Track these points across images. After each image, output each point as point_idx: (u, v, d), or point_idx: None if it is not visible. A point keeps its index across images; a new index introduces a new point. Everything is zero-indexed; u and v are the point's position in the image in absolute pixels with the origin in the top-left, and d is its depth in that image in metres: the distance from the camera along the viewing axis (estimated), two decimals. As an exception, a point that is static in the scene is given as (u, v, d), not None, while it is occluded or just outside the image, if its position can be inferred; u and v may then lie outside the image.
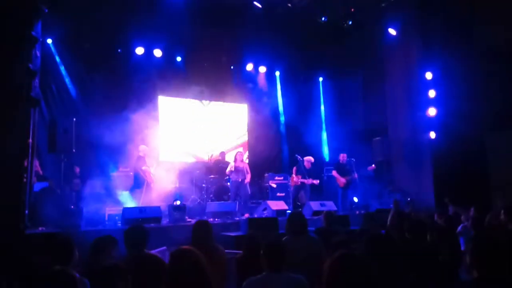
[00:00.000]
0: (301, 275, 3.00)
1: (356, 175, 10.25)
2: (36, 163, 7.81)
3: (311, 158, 10.43)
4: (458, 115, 9.48)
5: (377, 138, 10.98)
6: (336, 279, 2.11)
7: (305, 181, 10.08)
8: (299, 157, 10.37)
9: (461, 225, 5.75)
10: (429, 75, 10.20)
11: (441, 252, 3.76)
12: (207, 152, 11.71)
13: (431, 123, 10.14)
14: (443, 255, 3.74)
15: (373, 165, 10.46)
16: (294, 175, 10.28)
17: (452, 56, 9.61)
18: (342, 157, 10.50)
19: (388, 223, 4.30)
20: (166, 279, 2.47)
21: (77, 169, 9.04)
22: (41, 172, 8.22)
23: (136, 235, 3.57)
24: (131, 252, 3.49)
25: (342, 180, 10.24)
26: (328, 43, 11.46)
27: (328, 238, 4.08)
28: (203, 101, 12.28)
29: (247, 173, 9.62)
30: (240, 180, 9.56)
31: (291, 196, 10.45)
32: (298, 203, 10.22)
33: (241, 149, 11.59)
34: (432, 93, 10.17)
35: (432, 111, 10.13)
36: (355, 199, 10.47)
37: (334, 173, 10.49)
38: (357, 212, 9.59)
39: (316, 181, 10.16)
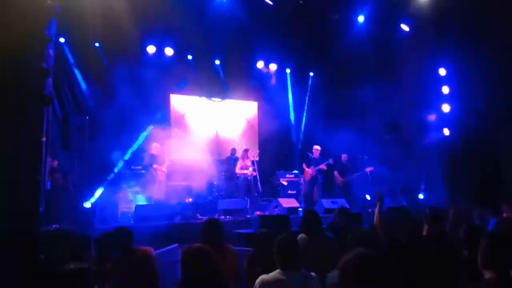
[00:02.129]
0: (314, 273, 2.98)
1: (354, 175, 10.41)
2: (55, 162, 7.88)
3: (317, 147, 10.60)
4: (472, 112, 9.35)
5: (390, 135, 10.90)
6: (350, 278, 2.08)
7: (320, 167, 10.12)
8: (310, 154, 10.47)
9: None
10: (442, 71, 10.07)
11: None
12: (218, 149, 11.73)
13: (444, 120, 10.02)
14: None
15: (371, 167, 10.43)
16: (307, 169, 10.31)
17: (465, 52, 9.47)
18: (344, 157, 10.73)
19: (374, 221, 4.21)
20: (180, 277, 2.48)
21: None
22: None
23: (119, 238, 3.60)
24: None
25: (339, 179, 10.52)
26: (339, 40, 11.35)
27: (344, 235, 4.02)
28: (214, 98, 12.28)
29: (254, 170, 9.79)
30: (249, 177, 9.60)
31: (303, 193, 10.44)
32: (313, 200, 10.21)
33: (250, 147, 11.54)
34: (445, 90, 10.05)
35: (446, 108, 10.00)
36: (368, 197, 10.41)
37: (335, 173, 10.66)
38: (370, 210, 9.53)
39: (330, 161, 10.33)
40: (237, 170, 9.81)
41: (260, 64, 12.40)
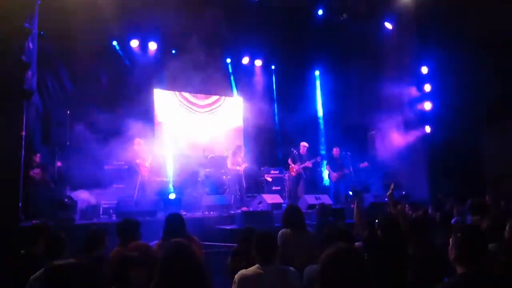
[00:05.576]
0: (293, 268, 2.99)
1: (347, 171, 10.35)
2: (37, 156, 7.74)
3: (305, 144, 10.57)
4: (453, 109, 9.51)
5: (373, 131, 11.00)
6: (331, 273, 2.08)
7: (306, 164, 10.11)
8: (294, 150, 10.45)
9: (455, 218, 5.68)
10: (424, 70, 10.20)
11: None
12: (202, 145, 11.68)
13: (426, 117, 10.16)
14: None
15: (366, 163, 10.48)
16: (292, 165, 10.29)
17: (447, 50, 9.60)
18: (335, 151, 10.60)
19: (355, 218, 4.21)
20: (159, 273, 2.42)
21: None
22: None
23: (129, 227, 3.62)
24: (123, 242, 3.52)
25: (333, 175, 10.41)
26: (324, 37, 11.41)
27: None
28: (199, 94, 12.21)
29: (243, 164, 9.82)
30: (240, 173, 9.63)
31: (288, 189, 10.47)
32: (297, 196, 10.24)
33: (239, 143, 11.52)
34: (427, 87, 10.19)
35: (427, 105, 10.15)
36: (350, 193, 10.51)
37: (327, 167, 10.58)
38: (352, 205, 9.61)
39: (318, 159, 10.39)
40: (229, 166, 9.82)
41: (245, 60, 12.38)
